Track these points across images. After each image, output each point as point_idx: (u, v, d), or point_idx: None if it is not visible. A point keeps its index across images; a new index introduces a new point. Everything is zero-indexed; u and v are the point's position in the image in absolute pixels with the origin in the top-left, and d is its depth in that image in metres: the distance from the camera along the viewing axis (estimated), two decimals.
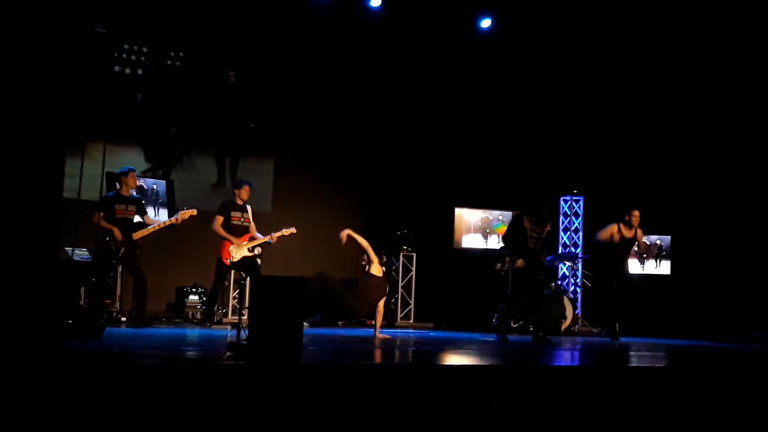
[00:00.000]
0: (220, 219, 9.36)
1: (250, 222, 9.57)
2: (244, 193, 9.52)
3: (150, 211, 9.95)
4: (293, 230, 9.78)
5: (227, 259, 9.30)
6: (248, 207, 9.60)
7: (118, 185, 9.04)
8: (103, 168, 7.96)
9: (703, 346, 9.46)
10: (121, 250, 8.79)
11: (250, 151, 12.10)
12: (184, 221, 9.15)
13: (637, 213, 10.24)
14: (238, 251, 9.30)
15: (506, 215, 12.91)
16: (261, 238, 9.54)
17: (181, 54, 11.68)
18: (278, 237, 9.65)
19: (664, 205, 12.08)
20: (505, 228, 12.62)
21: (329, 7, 11.57)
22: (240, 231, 9.43)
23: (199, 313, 10.44)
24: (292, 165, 12.23)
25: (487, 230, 12.69)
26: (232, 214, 9.43)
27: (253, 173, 11.65)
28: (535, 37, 12.10)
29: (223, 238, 9.30)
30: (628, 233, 10.27)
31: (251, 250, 9.44)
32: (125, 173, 9.03)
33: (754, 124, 11.54)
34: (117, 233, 8.72)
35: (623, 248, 10.30)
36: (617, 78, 12.32)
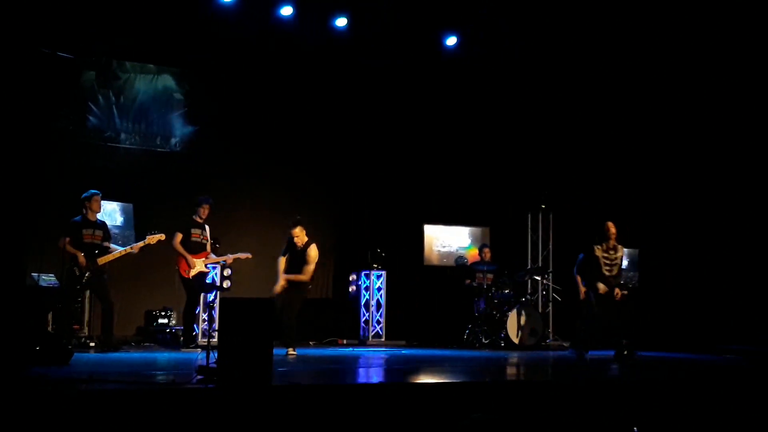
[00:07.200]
0: (179, 236, 9.44)
1: (207, 240, 9.65)
2: (204, 211, 9.62)
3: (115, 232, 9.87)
4: (249, 255, 9.87)
5: (185, 272, 9.41)
6: (206, 226, 9.70)
7: (84, 210, 8.94)
8: None
9: (670, 358, 9.56)
10: (86, 275, 8.70)
11: (220, 172, 11.94)
12: (151, 245, 9.15)
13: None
14: (194, 266, 9.43)
15: (475, 232, 12.98)
16: (216, 258, 9.73)
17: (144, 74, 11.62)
18: (234, 259, 9.82)
19: (632, 219, 12.19)
20: (476, 250, 12.69)
21: (294, 29, 11.57)
22: (198, 248, 9.55)
23: (168, 335, 10.35)
24: (261, 183, 12.17)
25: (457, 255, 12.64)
26: (192, 231, 9.56)
27: (222, 192, 11.42)
28: (501, 53, 12.19)
29: (180, 255, 9.39)
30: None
31: (208, 267, 9.69)
32: (89, 197, 8.93)
33: (720, 138, 11.67)
34: (81, 258, 8.64)
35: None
36: (584, 94, 12.46)
